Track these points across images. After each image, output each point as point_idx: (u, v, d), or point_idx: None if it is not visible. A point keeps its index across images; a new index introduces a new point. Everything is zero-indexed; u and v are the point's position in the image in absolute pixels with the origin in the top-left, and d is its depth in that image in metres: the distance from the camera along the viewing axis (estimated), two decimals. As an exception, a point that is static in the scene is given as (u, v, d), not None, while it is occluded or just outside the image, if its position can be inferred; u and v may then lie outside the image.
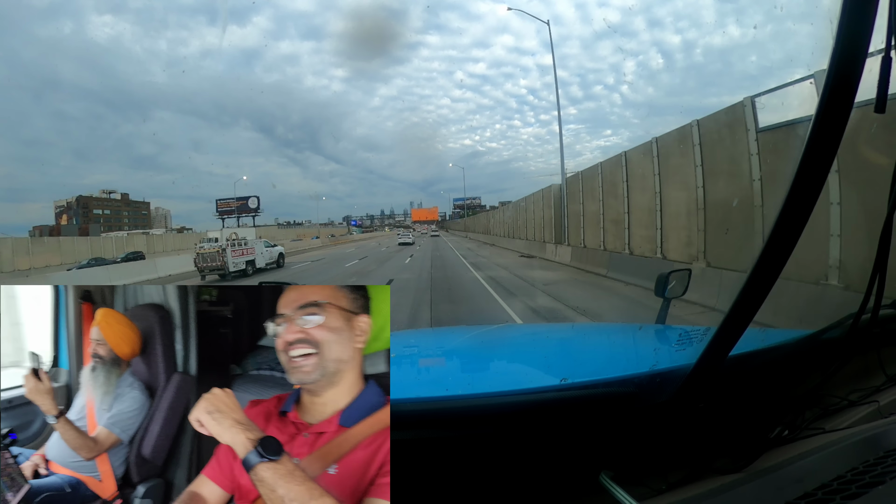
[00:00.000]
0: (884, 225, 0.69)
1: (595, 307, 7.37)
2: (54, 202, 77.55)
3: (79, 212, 76.04)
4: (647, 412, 0.78)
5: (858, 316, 0.78)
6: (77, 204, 76.78)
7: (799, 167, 0.57)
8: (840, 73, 0.54)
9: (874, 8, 0.53)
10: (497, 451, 0.75)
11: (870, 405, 0.88)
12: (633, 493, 0.69)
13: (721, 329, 0.68)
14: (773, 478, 0.72)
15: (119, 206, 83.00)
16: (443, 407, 0.82)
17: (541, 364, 1.51)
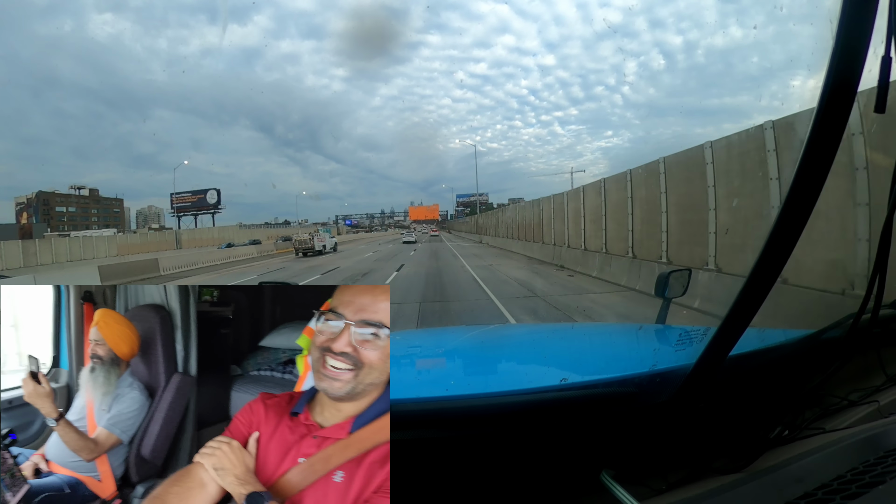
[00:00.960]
0: (884, 225, 0.69)
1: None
2: (14, 199, 67.64)
3: (38, 209, 66.09)
4: (647, 412, 0.78)
5: (858, 316, 0.78)
6: (37, 200, 66.25)
7: (799, 167, 0.57)
8: (840, 74, 0.54)
9: (874, 8, 0.53)
10: (497, 451, 0.75)
11: (870, 405, 0.88)
12: (634, 493, 0.68)
13: (721, 329, 0.68)
14: (773, 478, 0.72)
15: (87, 203, 72.31)
16: (443, 407, 0.82)
17: (541, 364, 1.51)
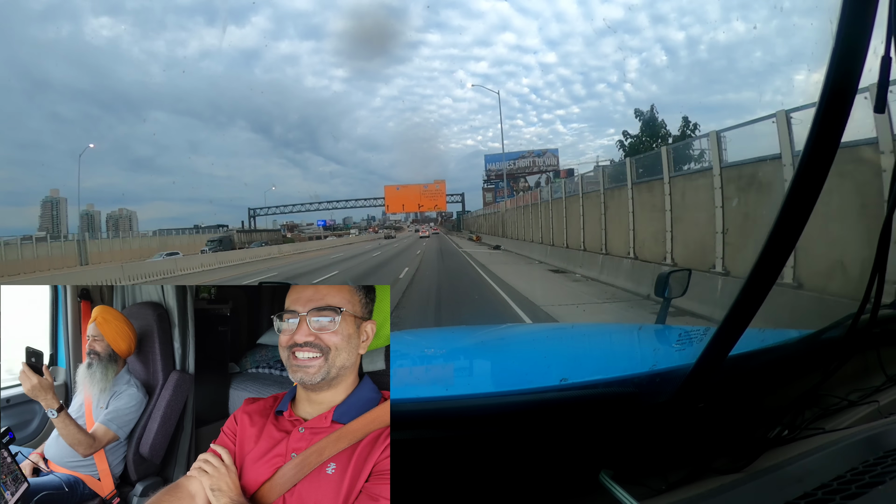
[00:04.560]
0: (883, 225, 0.69)
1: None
2: None
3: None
4: (647, 412, 0.78)
5: (858, 316, 0.78)
6: None
7: (799, 167, 0.57)
8: (840, 74, 0.53)
9: (874, 8, 0.53)
10: (497, 451, 0.75)
11: (870, 405, 0.88)
12: (633, 493, 0.68)
13: (721, 329, 0.68)
14: (773, 478, 0.72)
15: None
16: (443, 407, 0.82)
17: (541, 364, 1.51)
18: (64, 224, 70.10)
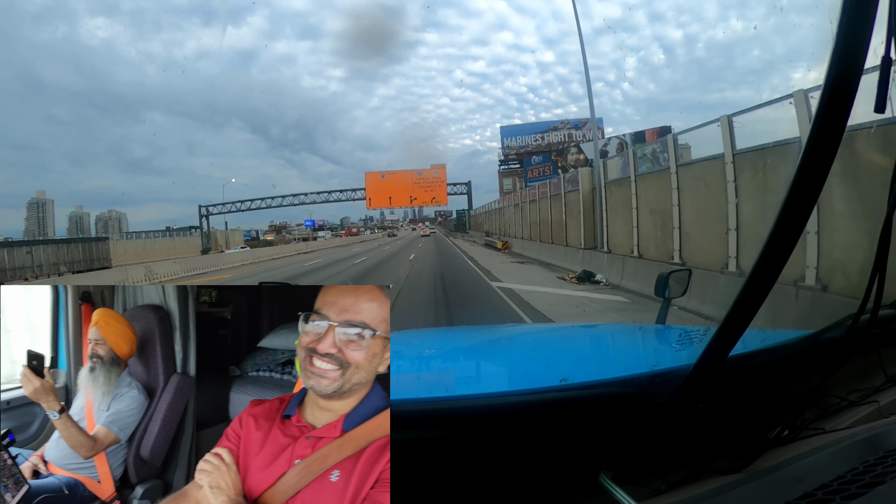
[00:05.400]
0: (883, 225, 0.69)
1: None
2: None
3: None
4: (647, 412, 0.78)
5: (858, 316, 0.78)
6: None
7: (799, 167, 0.57)
8: (840, 74, 0.54)
9: (874, 8, 0.53)
10: (497, 451, 0.75)
11: (870, 405, 0.88)
12: (633, 493, 0.68)
13: (721, 329, 0.68)
14: (773, 478, 0.72)
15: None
16: (443, 407, 0.82)
17: (541, 364, 1.51)
18: (51, 226, 67.40)
